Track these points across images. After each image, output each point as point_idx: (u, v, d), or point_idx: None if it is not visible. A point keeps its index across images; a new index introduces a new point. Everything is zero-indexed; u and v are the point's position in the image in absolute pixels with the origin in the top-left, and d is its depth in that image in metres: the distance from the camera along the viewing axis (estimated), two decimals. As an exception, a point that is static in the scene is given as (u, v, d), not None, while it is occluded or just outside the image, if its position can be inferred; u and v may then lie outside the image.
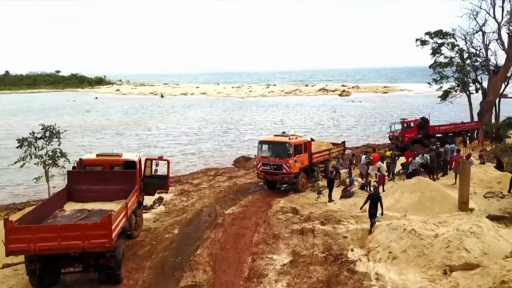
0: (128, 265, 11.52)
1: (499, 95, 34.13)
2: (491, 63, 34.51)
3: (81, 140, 39.27)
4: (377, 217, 13.41)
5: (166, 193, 17.90)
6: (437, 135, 30.61)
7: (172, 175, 23.23)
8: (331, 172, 19.51)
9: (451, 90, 36.65)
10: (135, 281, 10.82)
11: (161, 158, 15.92)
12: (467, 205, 14.20)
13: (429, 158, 19.73)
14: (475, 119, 34.30)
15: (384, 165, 19.13)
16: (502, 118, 33.26)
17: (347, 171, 22.50)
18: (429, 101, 64.60)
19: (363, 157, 21.50)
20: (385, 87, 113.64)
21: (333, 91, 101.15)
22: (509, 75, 33.64)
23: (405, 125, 29.47)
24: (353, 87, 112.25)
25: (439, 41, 36.10)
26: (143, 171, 15.00)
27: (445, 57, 36.15)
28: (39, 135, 18.13)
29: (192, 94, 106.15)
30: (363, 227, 13.55)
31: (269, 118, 55.52)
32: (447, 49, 36.06)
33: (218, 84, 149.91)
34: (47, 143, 18.19)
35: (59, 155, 18.12)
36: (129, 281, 10.78)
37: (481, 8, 34.37)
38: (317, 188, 20.24)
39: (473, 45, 35.21)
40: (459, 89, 36.13)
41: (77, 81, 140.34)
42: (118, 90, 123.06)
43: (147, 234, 14.43)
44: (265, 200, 18.59)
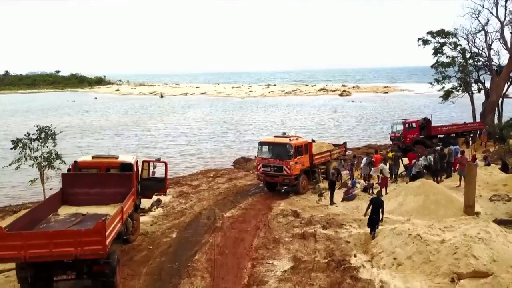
0: (123, 271, 11.18)
1: (502, 95, 33.77)
2: (493, 63, 34.24)
3: (79, 141, 38.89)
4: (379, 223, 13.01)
5: (164, 195, 17.55)
6: (439, 136, 30.29)
7: (171, 177, 22.98)
8: (332, 174, 19.18)
9: (453, 90, 36.33)
10: (131, 288, 10.46)
11: (158, 160, 15.56)
12: (473, 208, 13.81)
13: (432, 159, 19.40)
14: (478, 119, 33.95)
15: (386, 167, 18.82)
16: (505, 118, 33.05)
17: (349, 172, 22.13)
18: (430, 101, 64.29)
19: (364, 158, 21.18)
20: (385, 87, 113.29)
21: (334, 91, 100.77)
22: (512, 75, 33.31)
23: (407, 125, 29.17)
24: (353, 87, 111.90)
25: (441, 41, 35.78)
26: (140, 174, 14.67)
27: (447, 57, 35.86)
28: (34, 136, 17.74)
29: (192, 94, 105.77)
30: (366, 231, 13.14)
31: (269, 118, 55.10)
32: (449, 48, 35.80)
33: (218, 84, 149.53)
34: (42, 144, 17.81)
35: (54, 156, 17.74)
36: (125, 288, 10.41)
37: (483, 7, 34.24)
38: (318, 190, 19.91)
39: (475, 44, 34.97)
40: (461, 89, 35.80)
41: (77, 81, 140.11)
42: (117, 90, 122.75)
43: (144, 238, 14.08)
44: (265, 202, 18.25)
